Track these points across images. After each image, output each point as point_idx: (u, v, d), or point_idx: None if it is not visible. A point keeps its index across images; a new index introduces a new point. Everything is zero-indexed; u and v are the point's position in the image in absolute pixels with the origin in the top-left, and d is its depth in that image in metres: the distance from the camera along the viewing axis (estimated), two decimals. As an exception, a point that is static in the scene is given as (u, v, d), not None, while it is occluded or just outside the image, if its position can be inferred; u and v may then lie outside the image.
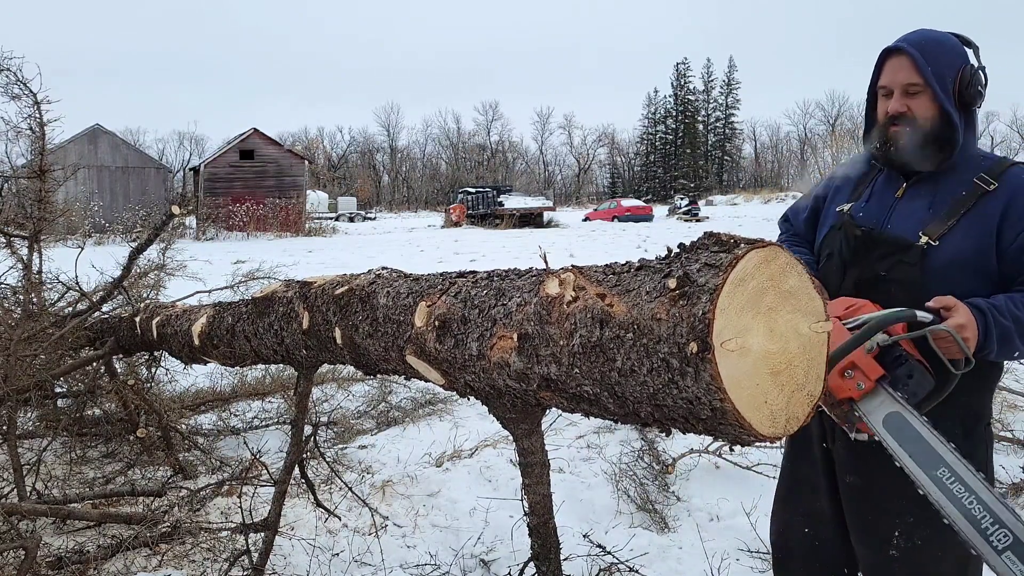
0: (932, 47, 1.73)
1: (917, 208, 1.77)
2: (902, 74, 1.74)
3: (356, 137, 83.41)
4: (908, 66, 1.73)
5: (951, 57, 1.73)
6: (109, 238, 22.48)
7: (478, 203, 39.69)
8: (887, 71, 1.78)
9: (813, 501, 2.00)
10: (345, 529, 3.43)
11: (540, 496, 1.98)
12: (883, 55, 1.79)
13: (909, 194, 1.81)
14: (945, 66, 1.72)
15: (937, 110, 1.72)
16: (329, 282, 2.44)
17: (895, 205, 1.81)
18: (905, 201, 1.80)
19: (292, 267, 7.74)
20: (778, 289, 1.44)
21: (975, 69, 1.73)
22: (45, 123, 3.90)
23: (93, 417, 4.39)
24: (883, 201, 1.84)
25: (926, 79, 1.71)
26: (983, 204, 1.70)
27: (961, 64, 1.73)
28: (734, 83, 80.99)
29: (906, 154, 1.76)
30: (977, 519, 1.39)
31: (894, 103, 1.76)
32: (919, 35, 1.77)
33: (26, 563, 2.47)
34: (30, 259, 4.09)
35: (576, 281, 1.62)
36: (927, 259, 1.73)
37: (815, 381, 1.51)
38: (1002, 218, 1.69)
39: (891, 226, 1.79)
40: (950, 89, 1.72)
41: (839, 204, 1.93)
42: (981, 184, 1.71)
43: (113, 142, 36.97)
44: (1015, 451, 3.85)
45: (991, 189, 1.70)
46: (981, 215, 1.70)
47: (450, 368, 1.92)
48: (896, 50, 1.75)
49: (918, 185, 1.80)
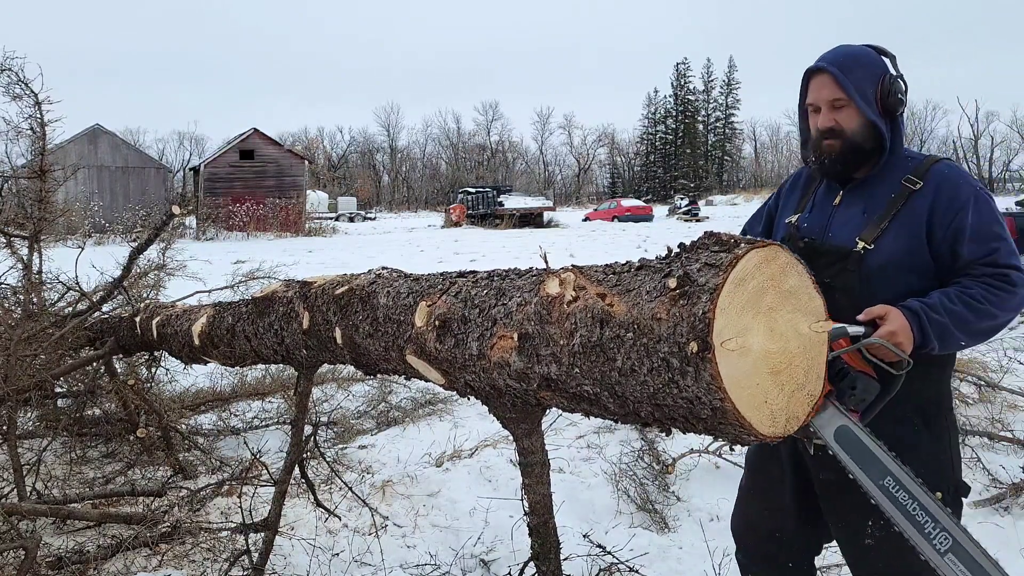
0: (850, 63, 1.83)
1: (853, 214, 1.86)
2: (826, 91, 1.84)
3: (356, 137, 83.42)
4: (831, 83, 1.83)
5: (870, 70, 1.84)
6: (109, 238, 22.47)
7: (478, 203, 39.68)
8: (812, 89, 1.89)
9: (778, 496, 2.07)
10: (345, 529, 3.43)
11: (540, 496, 1.98)
12: (807, 74, 1.90)
13: (845, 201, 1.90)
14: (865, 79, 1.82)
15: (863, 120, 1.82)
16: (329, 282, 2.44)
17: (834, 213, 1.90)
18: (842, 208, 1.89)
19: (292, 267, 7.73)
20: (778, 289, 1.44)
21: (894, 78, 1.84)
22: (46, 123, 3.90)
23: (93, 417, 4.39)
24: (824, 210, 1.93)
25: (848, 93, 1.81)
26: (911, 203, 1.79)
27: (880, 74, 1.84)
28: (734, 83, 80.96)
29: (840, 164, 1.86)
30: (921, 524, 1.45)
31: (823, 118, 1.86)
32: (838, 52, 1.88)
33: (26, 563, 2.47)
34: (30, 259, 4.09)
35: (576, 281, 1.62)
36: (865, 263, 1.81)
37: (815, 380, 1.51)
38: (930, 214, 1.77)
39: (832, 234, 1.88)
40: (872, 99, 1.82)
41: (787, 215, 2.02)
42: (908, 184, 1.80)
43: (113, 142, 36.97)
44: (1015, 451, 3.85)
45: (917, 188, 1.79)
46: (910, 215, 1.78)
47: (450, 368, 1.92)
48: (818, 69, 1.86)
49: (853, 192, 1.89)
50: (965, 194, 1.77)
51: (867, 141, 1.83)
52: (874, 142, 1.83)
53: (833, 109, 1.84)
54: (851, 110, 1.82)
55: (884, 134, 1.83)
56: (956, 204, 1.76)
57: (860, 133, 1.83)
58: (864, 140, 1.83)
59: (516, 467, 3.25)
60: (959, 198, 1.76)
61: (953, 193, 1.77)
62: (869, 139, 1.83)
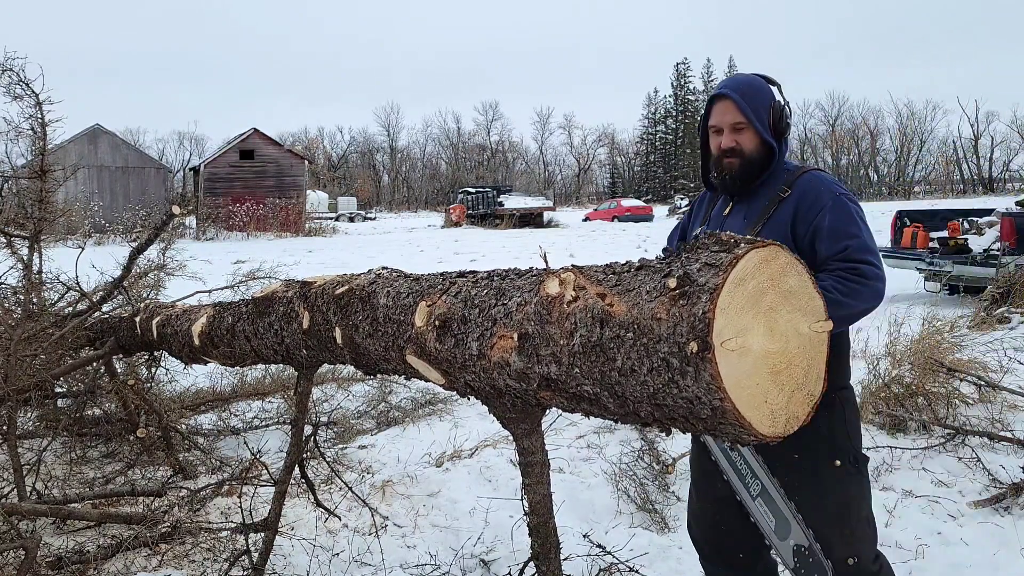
0: (748, 90, 2.07)
1: (737, 222, 2.09)
2: (728, 115, 2.07)
3: (356, 137, 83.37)
4: (732, 108, 2.06)
5: (763, 97, 2.07)
6: (109, 238, 22.47)
7: (478, 203, 39.68)
8: (715, 113, 2.10)
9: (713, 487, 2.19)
10: (345, 529, 3.43)
11: (540, 496, 1.98)
12: (711, 100, 2.12)
13: (733, 212, 2.13)
14: (760, 105, 2.06)
15: (759, 141, 2.06)
16: (329, 282, 2.44)
17: (723, 223, 2.13)
18: (730, 219, 2.13)
19: (292, 267, 7.74)
20: (778, 289, 1.44)
21: (782, 105, 2.08)
22: (46, 123, 3.90)
23: (93, 417, 4.39)
24: (716, 222, 2.17)
25: (748, 117, 2.04)
26: (780, 209, 2.02)
27: (771, 101, 2.07)
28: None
29: (739, 180, 2.08)
30: (742, 472, 1.64)
31: (725, 140, 2.08)
32: (738, 80, 2.12)
33: (26, 563, 2.47)
34: (30, 259, 4.09)
35: (576, 281, 1.62)
36: None
37: (815, 380, 1.51)
38: (794, 217, 1.99)
39: None
40: (767, 123, 2.06)
41: (695, 229, 2.28)
42: (779, 193, 2.03)
43: (113, 142, 36.97)
44: (1015, 451, 3.85)
45: (785, 196, 2.02)
46: (778, 219, 2.01)
47: (450, 368, 1.92)
48: (722, 95, 2.09)
49: (739, 204, 2.13)
50: (824, 199, 1.98)
51: (762, 160, 2.07)
52: (767, 161, 2.07)
53: (734, 131, 2.06)
54: (750, 132, 2.05)
55: (776, 154, 2.06)
56: (816, 207, 1.97)
57: (757, 153, 2.06)
58: (760, 159, 2.06)
59: (516, 467, 3.25)
60: (819, 202, 1.98)
61: (814, 198, 1.99)
62: (764, 158, 2.07)
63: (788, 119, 2.09)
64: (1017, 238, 9.00)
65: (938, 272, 9.68)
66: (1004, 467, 3.63)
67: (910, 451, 3.91)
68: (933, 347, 4.51)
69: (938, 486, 3.59)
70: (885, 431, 4.23)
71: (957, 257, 9.56)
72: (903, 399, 4.37)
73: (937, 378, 4.38)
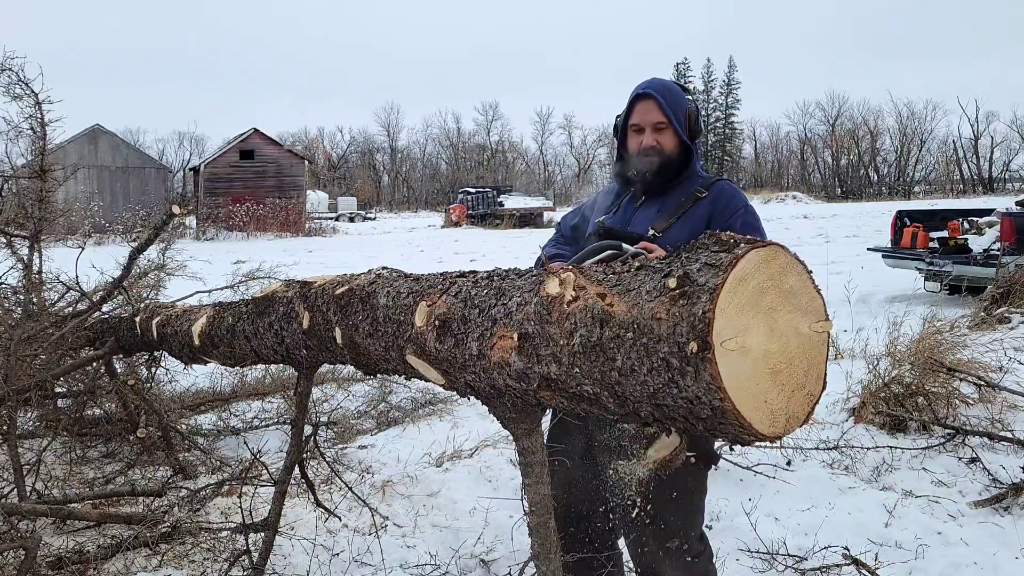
0: (669, 93, 2.21)
1: (650, 213, 2.25)
2: (651, 115, 2.19)
3: (356, 137, 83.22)
4: (655, 108, 2.18)
5: (681, 101, 2.22)
6: (109, 238, 22.40)
7: (478, 203, 39.68)
8: (637, 112, 2.22)
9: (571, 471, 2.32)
10: (345, 529, 3.43)
11: (540, 496, 1.98)
12: (632, 99, 2.24)
13: (645, 205, 2.28)
14: (679, 108, 2.20)
15: (678, 141, 2.20)
16: (329, 282, 2.44)
17: (635, 214, 2.28)
18: (642, 210, 2.28)
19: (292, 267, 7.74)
20: (778, 288, 1.44)
21: (697, 110, 2.25)
22: (46, 123, 3.90)
23: (93, 417, 4.39)
24: (627, 212, 2.31)
25: (669, 118, 2.17)
26: (696, 207, 2.19)
27: (687, 106, 2.22)
28: (734, 83, 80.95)
29: (657, 177, 2.22)
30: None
31: (647, 138, 2.19)
32: (660, 83, 2.25)
33: (26, 563, 2.48)
34: (30, 259, 4.09)
35: (576, 281, 1.62)
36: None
37: (815, 380, 1.51)
38: (710, 215, 2.17)
39: (632, 226, 2.25)
40: (684, 126, 2.20)
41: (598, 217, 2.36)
42: (697, 193, 2.21)
43: (113, 142, 36.99)
44: (1015, 451, 3.85)
45: (703, 196, 2.20)
46: (694, 214, 2.19)
47: (450, 368, 1.92)
48: (645, 95, 2.20)
49: (653, 198, 2.27)
50: (737, 205, 2.19)
51: (679, 161, 2.21)
52: (683, 161, 2.22)
53: (656, 131, 2.19)
54: (670, 132, 2.19)
55: (693, 154, 2.22)
56: (729, 211, 2.17)
57: (675, 153, 2.20)
58: (677, 159, 2.21)
59: (516, 467, 3.25)
60: (732, 206, 2.18)
61: (728, 202, 2.19)
62: (680, 159, 2.21)
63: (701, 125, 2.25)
64: (1017, 238, 9.00)
65: (938, 272, 9.68)
66: (1004, 467, 3.63)
67: (910, 451, 3.91)
68: (933, 347, 4.51)
69: (938, 486, 3.59)
70: (885, 431, 4.24)
71: (957, 257, 9.56)
72: (903, 399, 4.38)
73: (937, 378, 4.38)
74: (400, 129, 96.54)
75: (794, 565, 2.99)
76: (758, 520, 3.25)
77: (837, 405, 4.58)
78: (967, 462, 3.79)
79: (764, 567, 3.01)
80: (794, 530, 3.25)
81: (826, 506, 3.42)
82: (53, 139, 4.00)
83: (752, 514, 3.29)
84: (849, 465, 3.84)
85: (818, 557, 3.03)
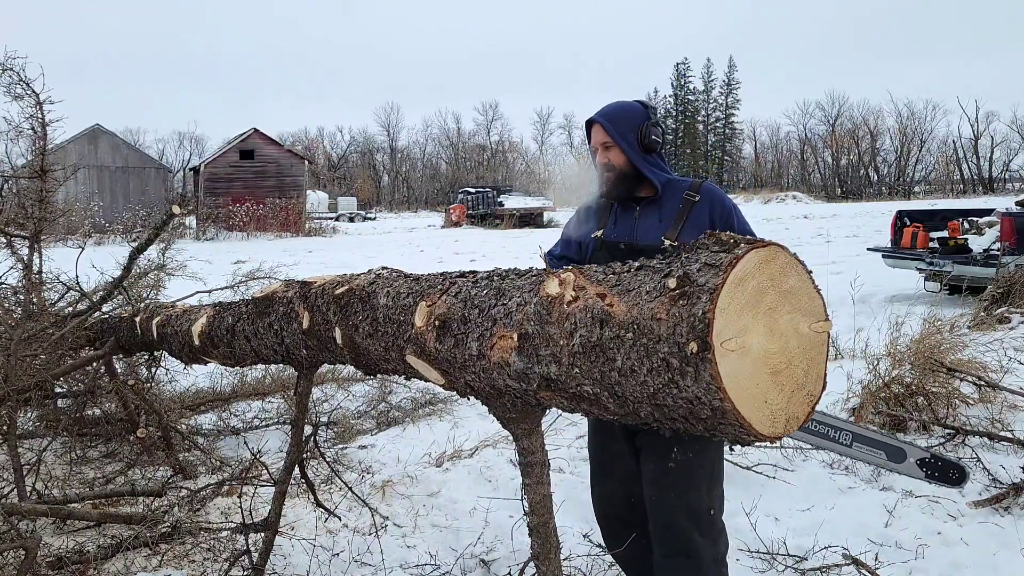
0: (617, 114, 2.40)
1: (652, 223, 2.38)
2: (598, 136, 2.41)
3: (356, 137, 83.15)
4: (600, 130, 2.41)
5: (631, 118, 2.38)
6: (109, 238, 22.46)
7: (478, 203, 39.67)
8: (592, 136, 2.45)
9: (625, 465, 2.46)
10: (345, 529, 3.43)
11: (540, 496, 1.98)
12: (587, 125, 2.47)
13: (643, 215, 2.41)
14: (626, 126, 2.37)
15: (625, 158, 2.37)
16: (329, 282, 2.44)
17: (636, 224, 2.41)
18: (642, 220, 2.41)
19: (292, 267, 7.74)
20: (778, 289, 1.44)
21: (651, 124, 2.38)
22: (46, 123, 3.90)
23: (93, 417, 4.39)
24: (626, 222, 2.44)
25: (613, 138, 2.37)
26: (695, 211, 2.34)
27: (641, 123, 2.37)
28: (734, 83, 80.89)
29: (617, 189, 2.40)
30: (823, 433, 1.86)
31: (600, 157, 2.42)
32: (609, 107, 2.45)
33: (26, 563, 2.48)
34: (30, 259, 4.09)
35: (576, 281, 1.62)
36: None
37: (815, 381, 1.51)
38: (710, 217, 2.33)
39: (639, 237, 2.39)
40: (634, 141, 2.37)
41: (592, 234, 2.50)
42: (689, 198, 2.35)
43: (113, 142, 36.98)
44: (1015, 451, 3.85)
45: (696, 200, 2.35)
46: (696, 218, 2.33)
47: (450, 368, 1.92)
48: (592, 121, 2.44)
49: (647, 207, 2.41)
50: (728, 204, 2.39)
51: (630, 171, 2.38)
52: (635, 172, 2.37)
53: (605, 149, 2.40)
54: (616, 150, 2.37)
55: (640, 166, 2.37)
56: (725, 210, 2.36)
57: (626, 167, 2.38)
58: (631, 172, 2.38)
59: (516, 467, 3.25)
60: (725, 206, 2.37)
61: (722, 202, 2.37)
62: (631, 170, 2.38)
63: (656, 137, 2.39)
64: (1017, 238, 9.00)
65: (938, 272, 9.68)
66: (1004, 467, 3.63)
67: (910, 451, 3.91)
68: (933, 347, 4.51)
69: (938, 486, 3.59)
70: (885, 431, 4.23)
71: (957, 257, 9.56)
72: (903, 399, 4.37)
73: (937, 378, 4.38)
74: (400, 129, 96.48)
75: (794, 565, 2.99)
76: (758, 520, 3.25)
77: (837, 405, 4.58)
78: (967, 462, 3.79)
79: (764, 567, 3.01)
80: (794, 530, 3.25)
81: (826, 506, 3.42)
82: (53, 139, 4.00)
83: (752, 514, 3.29)
84: (849, 465, 3.83)
85: (818, 557, 3.03)
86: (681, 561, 2.27)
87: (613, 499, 2.54)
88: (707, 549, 2.28)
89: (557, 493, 2.39)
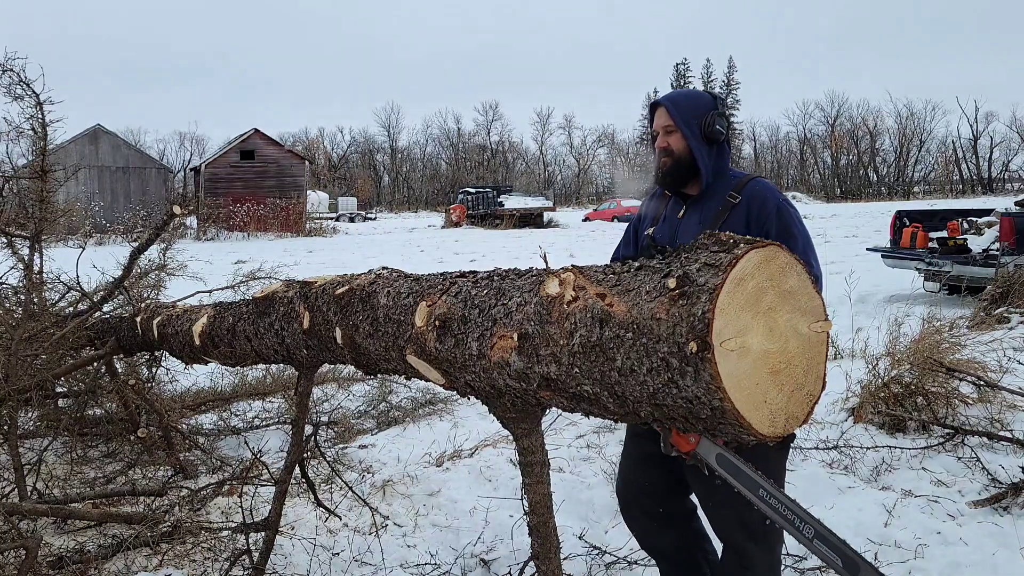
0: (682, 100, 2.33)
1: (692, 224, 2.30)
2: (661, 119, 2.33)
3: (356, 137, 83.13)
4: (664, 114, 2.32)
5: (697, 106, 2.30)
6: (110, 238, 22.49)
7: (478, 203, 39.65)
8: (656, 119, 2.36)
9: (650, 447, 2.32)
10: (345, 529, 3.43)
11: (540, 495, 1.99)
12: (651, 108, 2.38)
13: (687, 214, 2.34)
14: (691, 113, 2.29)
15: (686, 144, 2.28)
16: (330, 282, 2.44)
17: (679, 225, 2.34)
18: (684, 220, 2.33)
19: (293, 267, 7.74)
20: (778, 289, 1.45)
21: (716, 115, 2.29)
22: (47, 123, 3.91)
23: (94, 417, 4.39)
24: (671, 223, 2.37)
25: (676, 122, 2.28)
26: (733, 216, 2.22)
27: (706, 111, 2.29)
28: (733, 83, 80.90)
29: (671, 177, 2.32)
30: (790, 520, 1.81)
31: (659, 140, 2.33)
32: (675, 92, 2.39)
33: (27, 563, 2.48)
34: (31, 259, 4.10)
35: (576, 281, 1.63)
36: None
37: (814, 381, 1.51)
38: (746, 221, 2.20)
39: (679, 241, 2.27)
40: (696, 129, 2.28)
41: (646, 229, 2.46)
42: (730, 200, 2.24)
43: (114, 142, 36.96)
44: (1015, 451, 3.85)
45: (736, 202, 2.23)
46: (732, 225, 2.20)
47: (450, 368, 1.93)
48: (657, 103, 2.36)
49: (692, 206, 2.33)
50: (770, 206, 2.21)
51: (689, 160, 2.29)
52: (693, 162, 2.28)
53: (666, 134, 2.30)
54: (678, 135, 2.28)
55: (700, 156, 2.28)
56: (763, 214, 2.20)
57: (685, 153, 2.28)
58: (688, 160, 2.28)
59: (516, 467, 3.26)
60: (765, 208, 2.21)
61: (761, 205, 2.21)
62: (690, 159, 2.28)
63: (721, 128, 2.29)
64: (1017, 238, 9.00)
65: (938, 272, 9.68)
66: (1004, 467, 3.64)
67: (909, 451, 3.91)
68: (933, 347, 4.51)
69: (937, 486, 3.60)
70: (884, 431, 4.24)
71: (956, 257, 9.56)
72: (903, 399, 4.38)
73: (936, 378, 4.38)
74: (400, 129, 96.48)
75: (794, 565, 2.99)
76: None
77: (837, 405, 4.58)
78: (967, 461, 3.79)
79: (764, 567, 3.01)
80: (794, 530, 3.25)
81: (825, 506, 3.42)
82: (54, 139, 4.00)
83: (752, 514, 3.30)
84: (849, 465, 3.84)
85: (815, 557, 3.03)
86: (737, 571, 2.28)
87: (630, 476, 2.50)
88: (763, 556, 2.27)
89: (557, 493, 2.40)
